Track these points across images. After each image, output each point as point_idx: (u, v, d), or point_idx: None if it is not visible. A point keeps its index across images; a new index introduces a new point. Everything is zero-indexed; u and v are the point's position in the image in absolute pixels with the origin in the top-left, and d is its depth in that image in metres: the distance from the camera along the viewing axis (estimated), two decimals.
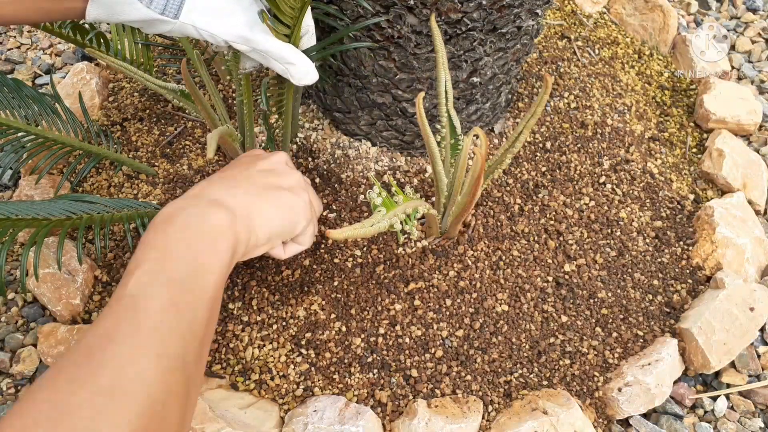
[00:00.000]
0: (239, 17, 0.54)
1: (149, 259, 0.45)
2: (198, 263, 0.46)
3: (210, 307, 0.47)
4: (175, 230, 0.48)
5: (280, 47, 0.57)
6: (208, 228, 0.48)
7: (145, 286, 0.44)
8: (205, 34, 0.54)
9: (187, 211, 0.49)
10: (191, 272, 0.46)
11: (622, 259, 0.78)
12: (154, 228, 0.48)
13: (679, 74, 1.04)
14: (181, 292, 0.45)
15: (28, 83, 1.02)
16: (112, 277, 0.76)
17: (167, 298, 0.43)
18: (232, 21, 0.54)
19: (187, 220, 0.48)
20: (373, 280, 0.73)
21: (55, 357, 0.70)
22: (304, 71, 0.59)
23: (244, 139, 0.80)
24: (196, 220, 0.48)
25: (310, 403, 0.64)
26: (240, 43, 0.55)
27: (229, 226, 0.49)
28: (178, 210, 0.49)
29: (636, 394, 0.67)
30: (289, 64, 0.58)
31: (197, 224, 0.48)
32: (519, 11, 0.69)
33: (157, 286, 0.44)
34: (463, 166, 0.63)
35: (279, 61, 0.57)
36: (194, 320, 0.44)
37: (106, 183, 0.86)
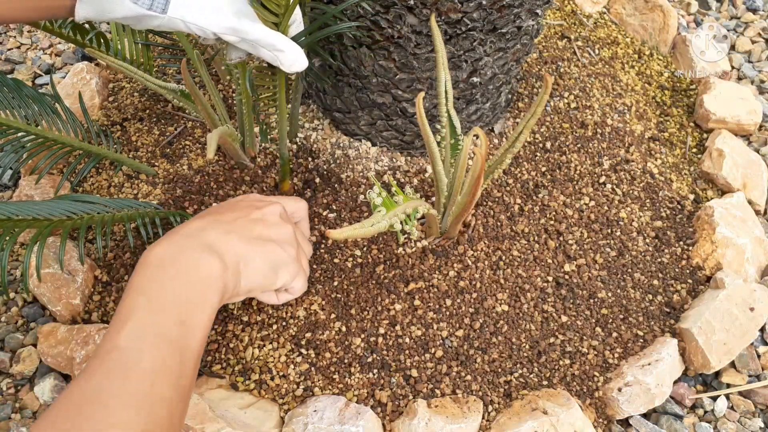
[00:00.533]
0: (226, 8, 0.54)
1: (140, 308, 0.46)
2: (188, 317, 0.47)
3: (195, 363, 0.48)
4: (166, 276, 0.48)
5: (269, 35, 0.56)
6: (200, 278, 0.49)
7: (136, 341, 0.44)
8: (194, 27, 0.54)
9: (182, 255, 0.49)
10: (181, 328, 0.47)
11: (622, 259, 0.78)
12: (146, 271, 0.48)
13: (679, 74, 1.04)
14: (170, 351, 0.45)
15: (28, 83, 1.02)
16: (112, 276, 0.76)
17: (158, 359, 0.44)
18: (219, 13, 0.54)
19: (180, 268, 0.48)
20: (373, 280, 0.73)
21: (55, 357, 0.70)
22: (293, 58, 0.58)
23: (244, 139, 0.80)
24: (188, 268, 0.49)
25: (310, 403, 0.64)
26: (229, 34, 0.55)
27: (220, 276, 0.50)
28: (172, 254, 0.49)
29: (636, 394, 0.67)
30: (279, 51, 0.57)
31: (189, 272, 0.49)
32: (519, 11, 0.69)
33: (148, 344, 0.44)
34: (463, 166, 0.63)
35: (268, 49, 0.57)
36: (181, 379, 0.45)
37: (106, 183, 0.86)
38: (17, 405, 0.71)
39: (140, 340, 0.45)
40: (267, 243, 0.56)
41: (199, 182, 0.82)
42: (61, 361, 0.70)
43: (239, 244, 0.53)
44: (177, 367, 0.45)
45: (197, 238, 0.52)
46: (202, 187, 0.81)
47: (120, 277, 0.76)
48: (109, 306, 0.74)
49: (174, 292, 0.48)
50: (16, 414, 0.70)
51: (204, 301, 0.49)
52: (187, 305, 0.48)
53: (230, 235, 0.53)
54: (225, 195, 0.80)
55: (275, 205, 0.60)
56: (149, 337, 0.45)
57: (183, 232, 0.52)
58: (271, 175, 0.82)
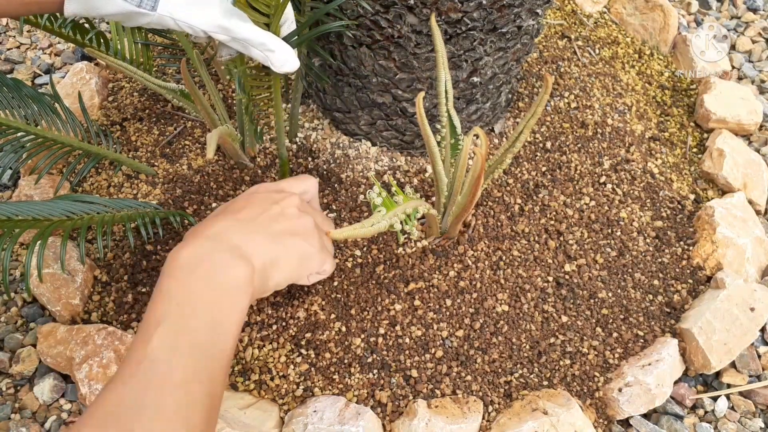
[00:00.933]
0: (216, 7, 0.54)
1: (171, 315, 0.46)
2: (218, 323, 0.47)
3: (227, 368, 0.47)
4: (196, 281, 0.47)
5: (259, 35, 0.56)
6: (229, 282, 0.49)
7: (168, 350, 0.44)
8: (184, 25, 0.53)
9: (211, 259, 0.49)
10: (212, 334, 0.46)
11: (622, 259, 0.78)
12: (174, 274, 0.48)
13: (679, 74, 1.04)
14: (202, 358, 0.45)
15: (28, 83, 1.02)
16: (112, 277, 0.76)
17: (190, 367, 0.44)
18: (209, 11, 0.53)
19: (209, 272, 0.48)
20: (373, 280, 0.73)
21: (54, 357, 0.70)
22: (283, 58, 0.58)
23: (243, 139, 0.80)
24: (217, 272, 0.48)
25: (310, 403, 0.64)
26: (218, 32, 0.55)
27: (249, 280, 0.50)
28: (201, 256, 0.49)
29: (636, 394, 0.67)
30: (269, 51, 0.57)
31: (219, 276, 0.48)
32: (519, 11, 0.68)
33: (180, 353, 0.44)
34: (463, 166, 0.63)
35: (258, 48, 0.57)
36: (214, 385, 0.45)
37: (105, 183, 0.86)
38: (17, 405, 0.71)
39: (172, 349, 0.44)
40: (291, 238, 0.55)
41: (198, 182, 0.82)
42: (61, 361, 0.70)
43: (265, 245, 0.53)
44: (209, 374, 0.45)
45: (224, 240, 0.51)
46: (202, 187, 0.81)
47: (120, 277, 0.76)
48: (108, 306, 0.74)
49: (204, 297, 0.47)
50: (16, 414, 0.70)
51: (234, 306, 0.48)
52: (217, 311, 0.47)
53: (255, 236, 0.53)
54: (225, 195, 0.80)
55: (292, 197, 0.59)
56: (181, 346, 0.45)
57: (208, 234, 0.51)
58: (271, 175, 0.82)
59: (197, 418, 0.43)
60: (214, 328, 0.47)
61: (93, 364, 0.66)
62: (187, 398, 0.43)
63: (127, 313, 0.73)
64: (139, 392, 0.42)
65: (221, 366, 0.47)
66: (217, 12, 0.54)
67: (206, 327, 0.46)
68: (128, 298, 0.74)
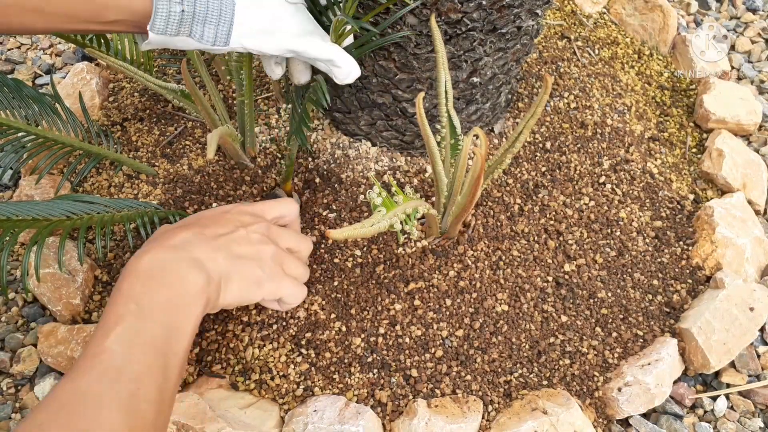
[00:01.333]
0: (285, 32, 0.56)
1: (129, 315, 0.48)
2: (174, 327, 0.50)
3: (180, 370, 0.50)
4: (156, 285, 0.51)
5: (327, 52, 0.58)
6: (187, 290, 0.52)
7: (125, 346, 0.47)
8: (253, 50, 0.56)
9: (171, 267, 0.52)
10: (167, 338, 0.49)
11: (621, 259, 0.78)
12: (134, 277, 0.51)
13: (678, 74, 1.04)
14: (156, 357, 0.48)
15: (29, 83, 1.02)
16: (112, 276, 0.76)
17: (145, 363, 0.47)
18: (279, 36, 0.56)
19: (169, 279, 0.51)
20: (373, 280, 0.73)
21: (55, 357, 0.70)
22: (347, 71, 0.60)
23: (244, 139, 0.80)
24: (176, 279, 0.52)
25: (310, 402, 0.64)
26: (287, 54, 0.58)
27: (204, 289, 0.53)
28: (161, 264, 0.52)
29: (636, 394, 0.67)
30: (335, 66, 0.59)
31: (178, 284, 0.51)
32: (519, 11, 0.69)
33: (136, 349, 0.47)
34: (463, 166, 0.63)
35: (325, 63, 0.59)
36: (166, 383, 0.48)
37: (106, 183, 0.86)
38: (17, 405, 0.71)
39: (129, 345, 0.47)
40: (248, 262, 0.58)
41: (199, 182, 0.82)
42: (62, 361, 0.70)
43: (223, 262, 0.56)
44: (162, 372, 0.47)
45: (185, 251, 0.54)
46: (203, 187, 0.81)
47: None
48: None
49: (162, 301, 0.50)
50: (17, 414, 0.70)
51: (189, 312, 0.51)
52: (173, 314, 0.50)
53: (216, 253, 0.55)
54: (225, 195, 0.80)
55: (260, 223, 0.62)
56: (137, 343, 0.47)
57: (170, 244, 0.54)
58: (271, 175, 0.82)
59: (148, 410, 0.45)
60: (170, 330, 0.50)
61: None
62: (139, 391, 0.45)
63: None
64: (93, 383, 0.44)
65: (174, 365, 0.49)
66: (287, 36, 0.56)
67: (162, 329, 0.49)
68: None
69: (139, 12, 0.51)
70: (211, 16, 0.53)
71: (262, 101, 0.91)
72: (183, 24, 0.52)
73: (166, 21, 0.51)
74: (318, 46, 0.57)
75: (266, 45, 0.56)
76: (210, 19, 0.53)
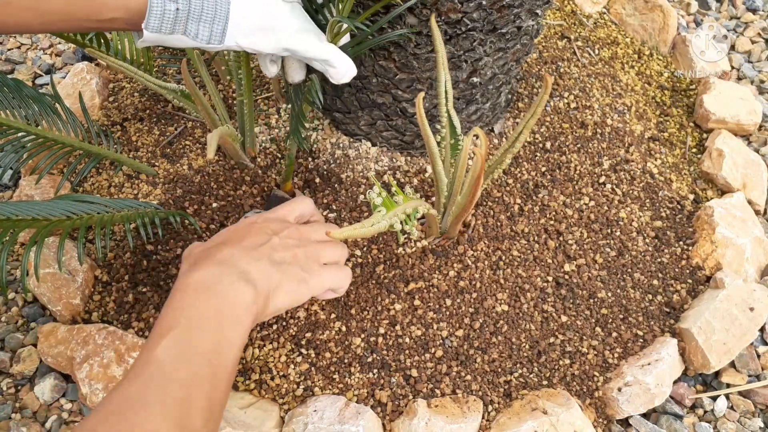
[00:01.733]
0: (280, 31, 0.56)
1: (179, 326, 0.49)
2: (223, 339, 0.50)
3: (228, 381, 0.50)
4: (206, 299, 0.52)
5: (323, 52, 0.58)
6: (236, 303, 0.52)
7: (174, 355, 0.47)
8: (248, 49, 0.56)
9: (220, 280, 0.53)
10: (216, 347, 0.50)
11: (621, 259, 0.78)
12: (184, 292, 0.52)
13: (678, 74, 1.04)
14: (205, 367, 0.48)
15: (29, 83, 1.02)
16: (112, 276, 0.76)
17: (193, 372, 0.47)
18: (274, 35, 0.56)
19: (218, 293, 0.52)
20: (373, 280, 0.73)
21: (55, 357, 0.70)
22: (343, 71, 0.60)
23: (244, 139, 0.80)
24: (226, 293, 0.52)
25: (310, 403, 0.64)
26: (283, 53, 0.57)
27: (253, 302, 0.53)
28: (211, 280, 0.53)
29: (636, 394, 0.67)
30: (331, 66, 0.59)
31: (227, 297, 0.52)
32: (519, 11, 0.69)
33: (185, 358, 0.47)
34: (463, 166, 0.63)
35: (321, 63, 0.59)
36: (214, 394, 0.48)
37: (106, 183, 0.86)
38: (17, 405, 0.71)
39: (177, 354, 0.47)
40: (289, 266, 0.58)
41: (199, 182, 0.82)
42: (61, 360, 0.70)
43: (269, 273, 0.56)
44: (210, 381, 0.48)
45: (233, 265, 0.55)
46: (203, 187, 0.81)
47: (120, 277, 0.76)
48: (109, 306, 0.74)
49: (211, 314, 0.51)
50: (17, 414, 0.70)
51: (239, 323, 0.52)
52: (223, 326, 0.51)
53: (259, 263, 0.56)
54: (225, 195, 0.80)
55: (290, 228, 0.62)
56: (186, 352, 0.48)
57: (218, 259, 0.55)
58: (271, 175, 0.82)
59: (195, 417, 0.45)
60: (219, 342, 0.50)
61: (94, 363, 0.66)
62: (187, 399, 0.46)
63: (127, 313, 0.74)
64: (141, 390, 0.45)
65: (223, 378, 0.49)
66: (282, 35, 0.56)
67: (211, 340, 0.49)
68: (129, 297, 0.74)
69: (134, 10, 0.51)
70: (206, 14, 0.53)
71: (262, 101, 0.91)
72: (178, 22, 0.52)
73: (160, 19, 0.51)
74: (314, 45, 0.57)
75: (261, 44, 0.56)
76: (205, 18, 0.53)
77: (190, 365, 0.47)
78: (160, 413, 0.44)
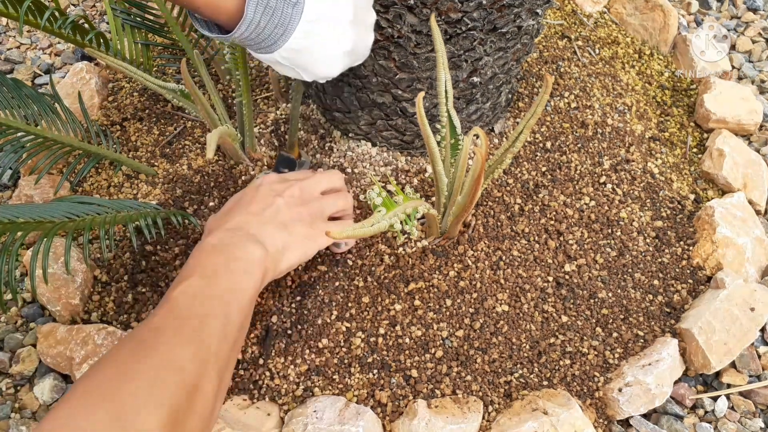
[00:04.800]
0: None
1: (194, 275, 0.54)
2: (235, 284, 0.56)
3: (243, 314, 0.55)
4: (219, 256, 0.57)
5: None
6: (246, 259, 0.58)
7: (191, 295, 0.53)
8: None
9: (232, 243, 0.59)
10: (230, 289, 0.55)
11: (622, 259, 0.78)
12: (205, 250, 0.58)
13: (679, 74, 1.04)
14: (220, 303, 0.53)
15: (28, 83, 1.02)
16: (112, 277, 0.76)
17: (209, 308, 0.52)
18: None
19: (230, 252, 0.58)
20: (373, 280, 0.73)
21: (54, 357, 0.70)
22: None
23: (243, 139, 0.80)
24: (237, 252, 0.58)
25: (310, 403, 0.64)
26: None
27: (262, 260, 0.59)
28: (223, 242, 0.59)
29: (636, 394, 0.67)
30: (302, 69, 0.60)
31: (237, 255, 0.58)
32: (519, 11, 0.68)
33: (200, 300, 0.53)
34: (463, 166, 0.63)
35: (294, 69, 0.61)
36: (228, 324, 0.52)
37: (105, 183, 0.86)
38: (17, 405, 0.71)
39: (193, 296, 0.52)
40: (295, 225, 0.64)
41: (198, 182, 0.82)
42: (61, 361, 0.70)
43: (275, 233, 0.62)
44: (224, 318, 0.52)
45: (242, 230, 0.60)
46: (202, 187, 0.81)
47: (119, 277, 0.76)
48: (108, 306, 0.74)
49: (225, 267, 0.56)
50: (16, 414, 0.70)
51: (250, 276, 0.57)
52: (233, 275, 0.56)
53: (267, 226, 0.62)
54: (225, 195, 0.80)
55: (292, 186, 0.67)
56: (201, 294, 0.53)
57: (228, 226, 0.61)
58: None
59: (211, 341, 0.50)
60: (231, 287, 0.55)
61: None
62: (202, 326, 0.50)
63: (127, 313, 0.73)
64: (160, 322, 0.50)
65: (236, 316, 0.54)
66: None
67: (224, 286, 0.55)
68: (128, 298, 0.74)
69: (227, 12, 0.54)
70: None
71: (261, 101, 0.91)
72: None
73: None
74: None
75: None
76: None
77: (205, 303, 0.52)
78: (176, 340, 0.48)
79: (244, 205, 0.64)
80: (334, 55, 0.60)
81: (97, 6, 1.22)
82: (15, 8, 0.75)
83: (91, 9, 1.21)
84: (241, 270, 0.57)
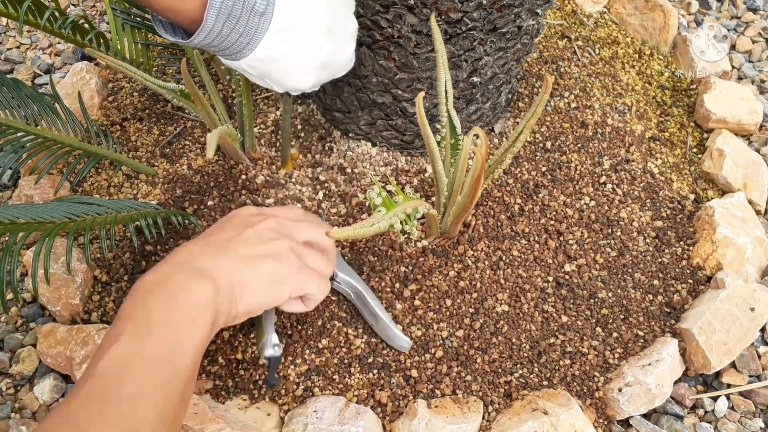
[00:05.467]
0: None
1: (125, 334, 0.45)
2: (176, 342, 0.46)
3: (186, 386, 0.46)
4: (156, 303, 0.47)
5: None
6: (190, 303, 0.48)
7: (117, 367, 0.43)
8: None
9: (171, 280, 0.48)
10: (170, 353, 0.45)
11: (622, 259, 0.78)
12: (135, 297, 0.48)
13: (679, 74, 1.04)
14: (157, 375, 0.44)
15: (28, 83, 1.02)
16: (112, 276, 0.76)
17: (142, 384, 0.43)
18: None
19: (169, 293, 0.48)
20: (373, 280, 0.73)
21: (54, 357, 0.70)
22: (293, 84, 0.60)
23: (243, 139, 0.80)
24: (177, 293, 0.48)
25: (310, 403, 0.64)
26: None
27: (212, 300, 0.49)
28: (161, 279, 0.48)
29: (636, 394, 0.67)
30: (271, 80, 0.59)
31: (179, 298, 0.48)
32: (519, 11, 0.68)
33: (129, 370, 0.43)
34: (463, 166, 0.63)
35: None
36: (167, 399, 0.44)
37: (105, 183, 0.86)
38: (17, 405, 0.71)
39: (122, 366, 0.44)
40: (263, 260, 0.53)
41: (198, 182, 0.82)
42: (61, 361, 0.70)
43: (232, 266, 0.51)
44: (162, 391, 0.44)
45: (188, 263, 0.50)
46: (202, 187, 0.81)
47: (119, 277, 0.76)
48: (108, 306, 0.74)
49: (161, 317, 0.46)
50: (16, 414, 0.70)
51: (193, 325, 0.47)
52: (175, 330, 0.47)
53: (221, 258, 0.52)
54: (225, 195, 0.80)
55: (268, 219, 0.58)
56: (133, 363, 0.44)
57: (174, 260, 0.51)
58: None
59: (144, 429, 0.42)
60: (173, 346, 0.46)
61: None
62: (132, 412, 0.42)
63: None
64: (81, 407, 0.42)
65: (178, 383, 0.45)
66: None
67: (163, 345, 0.45)
68: None
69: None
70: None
71: (261, 101, 0.91)
72: None
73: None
74: None
75: None
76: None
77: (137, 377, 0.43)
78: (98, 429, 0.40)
79: (205, 236, 0.55)
80: (305, 67, 0.56)
81: (97, 6, 1.22)
82: (15, 8, 0.75)
83: (91, 9, 1.21)
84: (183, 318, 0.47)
